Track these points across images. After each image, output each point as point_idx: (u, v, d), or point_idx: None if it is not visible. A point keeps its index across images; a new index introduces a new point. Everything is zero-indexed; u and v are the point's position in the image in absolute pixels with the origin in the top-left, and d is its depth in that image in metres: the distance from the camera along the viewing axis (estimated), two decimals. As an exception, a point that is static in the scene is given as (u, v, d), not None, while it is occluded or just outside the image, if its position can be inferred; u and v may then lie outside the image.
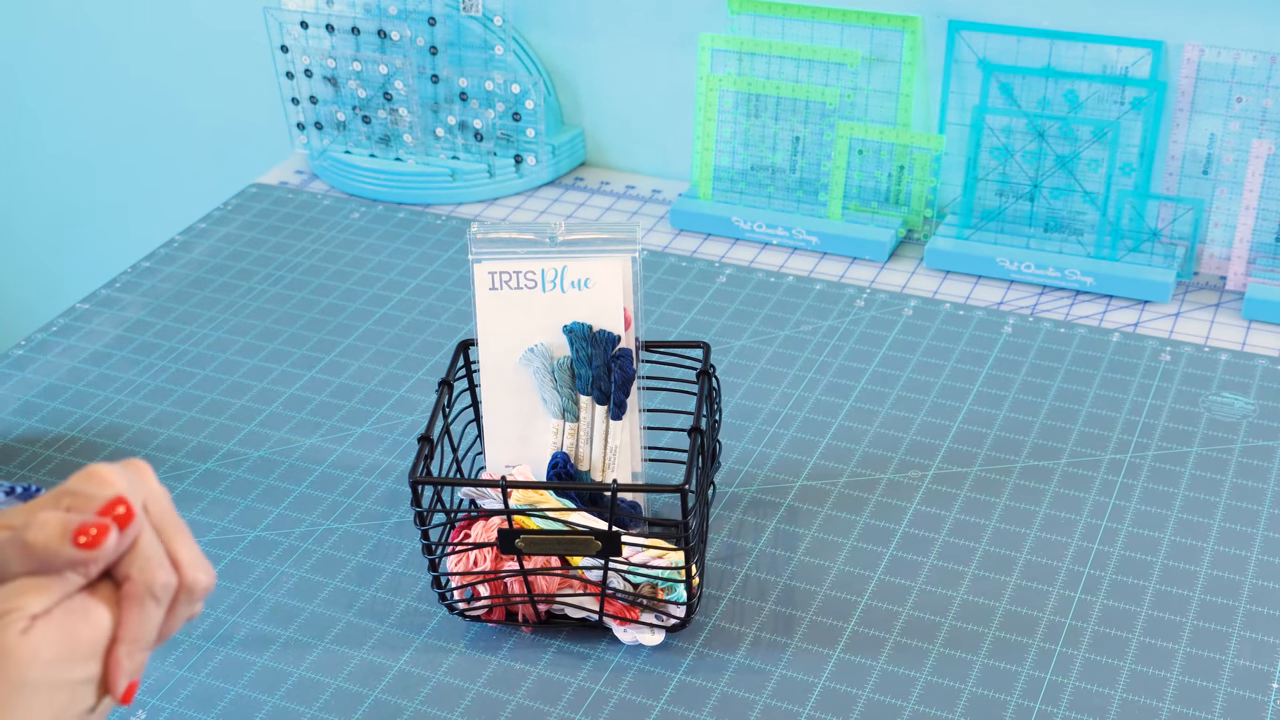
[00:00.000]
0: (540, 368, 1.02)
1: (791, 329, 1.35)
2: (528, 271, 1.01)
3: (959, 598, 1.04)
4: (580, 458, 1.03)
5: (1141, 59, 1.39)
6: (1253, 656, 0.98)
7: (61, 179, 2.10)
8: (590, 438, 1.03)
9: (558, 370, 1.02)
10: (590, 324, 1.01)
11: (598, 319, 1.01)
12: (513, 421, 1.04)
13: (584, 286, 1.00)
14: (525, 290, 1.01)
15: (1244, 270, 1.38)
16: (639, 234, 1.00)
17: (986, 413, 1.23)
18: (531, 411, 1.04)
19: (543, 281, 1.01)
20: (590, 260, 1.01)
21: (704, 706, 0.96)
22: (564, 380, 1.02)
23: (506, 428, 1.04)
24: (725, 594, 1.05)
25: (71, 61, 1.98)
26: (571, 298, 1.01)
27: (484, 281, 1.01)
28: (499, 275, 1.01)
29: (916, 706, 0.95)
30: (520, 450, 1.04)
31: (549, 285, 1.01)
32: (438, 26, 1.54)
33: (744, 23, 1.51)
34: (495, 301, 1.02)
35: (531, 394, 1.03)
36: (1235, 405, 1.23)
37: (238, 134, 1.89)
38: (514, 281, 1.01)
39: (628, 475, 1.04)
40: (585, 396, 1.02)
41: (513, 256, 1.01)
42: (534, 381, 1.02)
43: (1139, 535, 1.09)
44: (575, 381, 1.02)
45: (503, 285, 1.01)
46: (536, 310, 1.02)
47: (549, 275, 1.00)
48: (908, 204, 1.50)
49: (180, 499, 1.16)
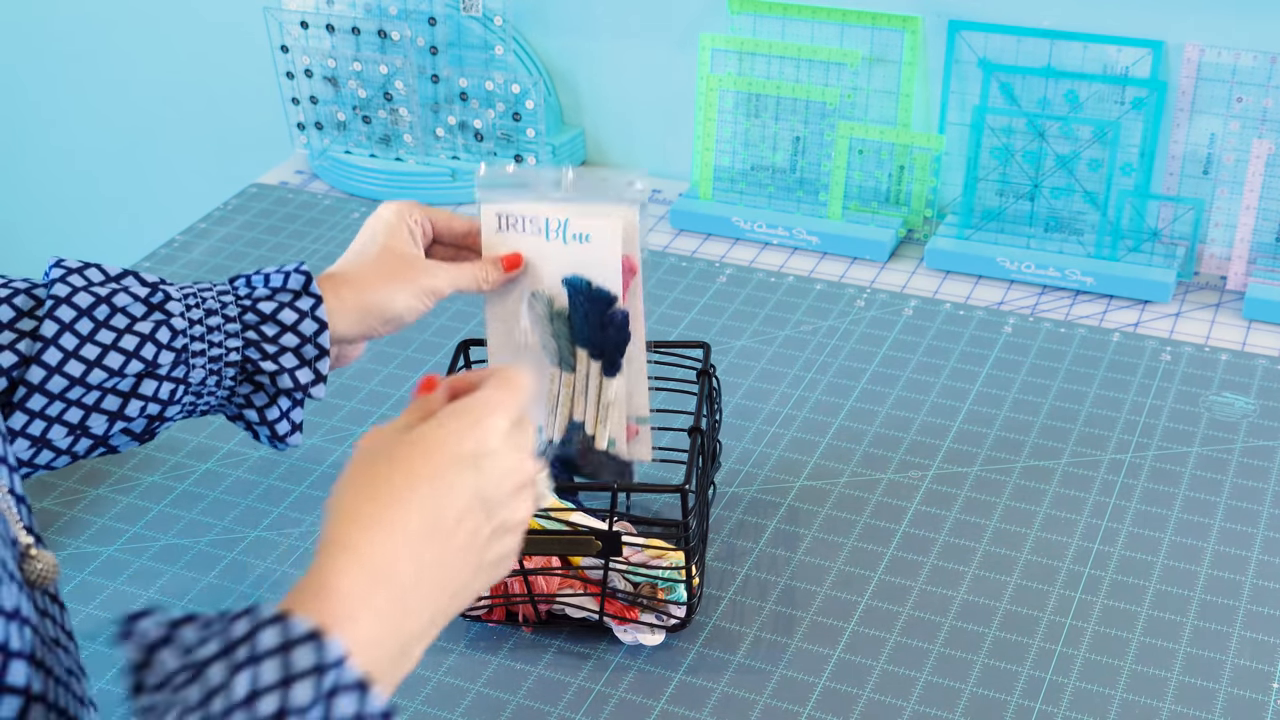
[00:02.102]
0: (541, 314, 1.00)
1: (792, 329, 1.35)
2: (533, 217, 0.98)
3: (959, 598, 1.04)
4: (575, 409, 1.01)
5: (1142, 59, 1.39)
6: (1253, 656, 0.98)
7: (62, 179, 2.10)
8: (585, 390, 1.01)
9: (556, 320, 1.00)
10: (590, 280, 0.98)
11: (599, 274, 0.98)
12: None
13: (584, 240, 0.98)
14: (531, 235, 0.99)
15: (1244, 270, 1.38)
16: (643, 182, 0.98)
17: (987, 413, 1.23)
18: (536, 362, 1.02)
19: (547, 230, 0.98)
20: (592, 217, 0.97)
21: (704, 706, 0.96)
22: (561, 331, 1.00)
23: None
24: (725, 594, 1.05)
25: (72, 61, 1.98)
26: (574, 250, 0.99)
27: (490, 224, 0.99)
28: (505, 218, 0.99)
29: (917, 706, 0.95)
30: None
31: (553, 234, 0.98)
32: (438, 26, 1.54)
33: (744, 23, 1.51)
34: (502, 244, 1.00)
35: (535, 340, 1.02)
36: (1235, 405, 1.23)
37: (238, 134, 1.89)
38: (520, 226, 0.99)
39: (623, 427, 1.00)
40: (582, 350, 1.00)
41: (519, 199, 0.99)
42: (536, 328, 1.01)
43: (1139, 535, 1.09)
44: (572, 333, 1.00)
45: (509, 228, 0.99)
46: (542, 255, 0.99)
47: (553, 225, 0.98)
48: (908, 204, 1.50)
49: (180, 499, 1.16)
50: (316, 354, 0.91)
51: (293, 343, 0.90)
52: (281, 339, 0.90)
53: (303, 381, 0.91)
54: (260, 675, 0.56)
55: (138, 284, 0.88)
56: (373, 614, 0.61)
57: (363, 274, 0.94)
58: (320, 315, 0.90)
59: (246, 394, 0.91)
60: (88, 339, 0.84)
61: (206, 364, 0.88)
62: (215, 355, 0.88)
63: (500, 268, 0.98)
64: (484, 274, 0.97)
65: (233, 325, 0.89)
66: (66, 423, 0.85)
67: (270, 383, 0.90)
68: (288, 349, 0.90)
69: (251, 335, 0.89)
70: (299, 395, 0.92)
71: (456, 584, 0.66)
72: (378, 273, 0.94)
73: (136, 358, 0.85)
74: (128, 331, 0.85)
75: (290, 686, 0.56)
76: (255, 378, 0.90)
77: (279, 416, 0.92)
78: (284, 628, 0.57)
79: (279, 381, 0.90)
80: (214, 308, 0.89)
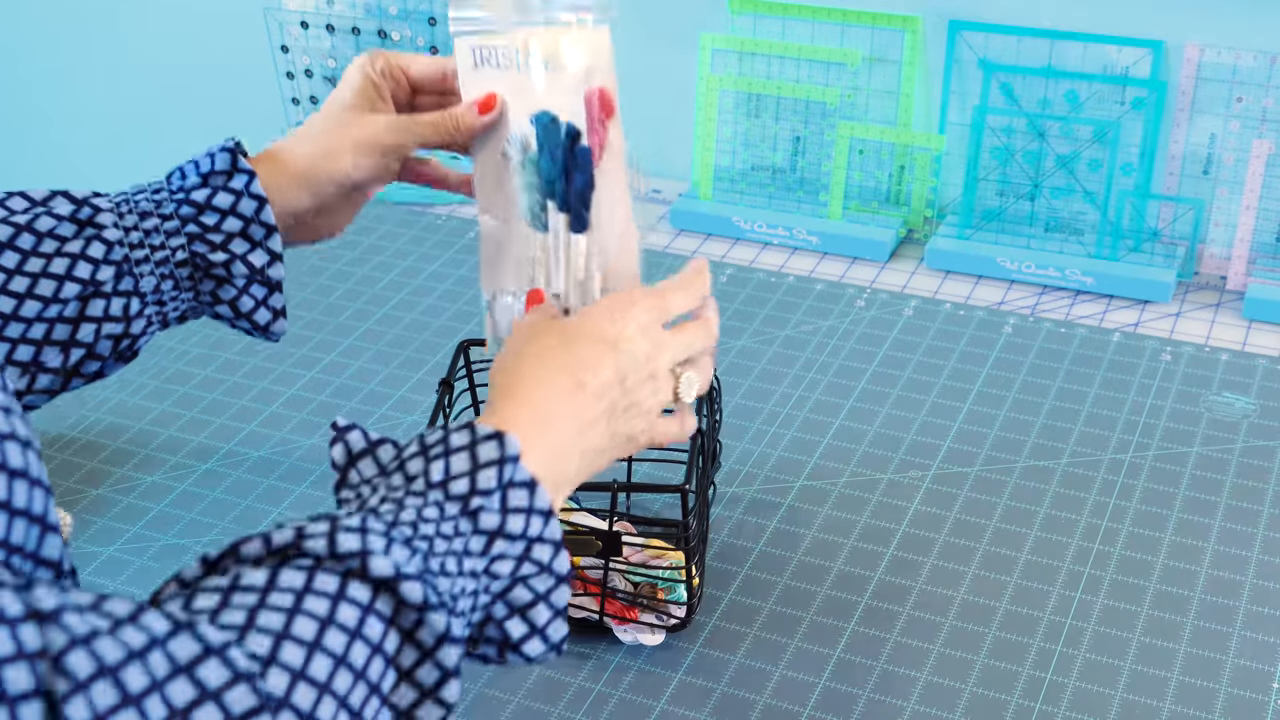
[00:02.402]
0: (516, 163, 0.87)
1: (792, 329, 1.35)
2: (504, 48, 0.87)
3: (959, 598, 1.04)
4: (552, 279, 0.87)
5: (1142, 59, 1.39)
6: (1253, 656, 0.98)
7: (62, 179, 2.10)
8: (558, 252, 0.86)
9: (527, 165, 0.86)
10: (555, 114, 0.85)
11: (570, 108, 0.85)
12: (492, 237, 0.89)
13: (552, 69, 0.86)
14: (506, 70, 0.87)
15: (1244, 270, 1.38)
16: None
17: (987, 413, 1.23)
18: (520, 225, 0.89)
19: (517, 61, 0.87)
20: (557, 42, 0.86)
21: (704, 706, 0.96)
22: (533, 181, 0.86)
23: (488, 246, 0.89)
24: (726, 594, 1.05)
25: (71, 60, 1.98)
26: (547, 81, 0.86)
27: (466, 60, 0.88)
28: (480, 51, 0.88)
29: (917, 706, 0.95)
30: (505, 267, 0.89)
31: (522, 65, 0.87)
32: (438, 26, 1.54)
33: (744, 23, 1.51)
34: (479, 83, 0.88)
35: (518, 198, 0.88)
36: (1236, 405, 1.23)
37: (238, 134, 1.88)
38: (495, 60, 0.87)
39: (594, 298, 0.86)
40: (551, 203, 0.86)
41: (492, 30, 0.87)
42: (512, 180, 0.87)
43: (1139, 535, 1.09)
44: (541, 182, 0.86)
45: (484, 63, 0.88)
46: (521, 92, 0.87)
47: (522, 56, 0.87)
48: (908, 204, 1.50)
49: (181, 499, 1.16)
50: (265, 233, 0.85)
51: (236, 227, 0.85)
52: (224, 225, 0.85)
53: (257, 265, 0.86)
54: (452, 463, 0.67)
55: (65, 203, 0.83)
56: (538, 451, 0.71)
57: (302, 137, 0.88)
58: (256, 190, 0.85)
59: (211, 290, 0.86)
60: (15, 271, 0.80)
61: (154, 270, 0.84)
62: (161, 259, 0.84)
63: (475, 112, 0.88)
64: (453, 122, 0.87)
65: (171, 224, 0.84)
66: (18, 362, 0.81)
67: (226, 272, 0.85)
68: (233, 234, 0.85)
69: (193, 229, 0.84)
70: (264, 280, 0.87)
71: (597, 445, 0.75)
72: (320, 132, 0.88)
73: (71, 279, 0.81)
74: (56, 255, 0.81)
75: (477, 474, 0.67)
76: (212, 271, 0.85)
77: (254, 306, 0.87)
78: (471, 430, 0.68)
79: (233, 270, 0.85)
80: (148, 209, 0.84)
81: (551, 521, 0.69)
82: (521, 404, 0.72)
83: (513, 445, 0.68)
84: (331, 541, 0.60)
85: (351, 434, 0.70)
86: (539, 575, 0.68)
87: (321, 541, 0.60)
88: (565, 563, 0.69)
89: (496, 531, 0.67)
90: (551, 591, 0.69)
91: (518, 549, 0.67)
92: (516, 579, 0.68)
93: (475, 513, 0.66)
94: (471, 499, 0.66)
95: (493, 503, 0.67)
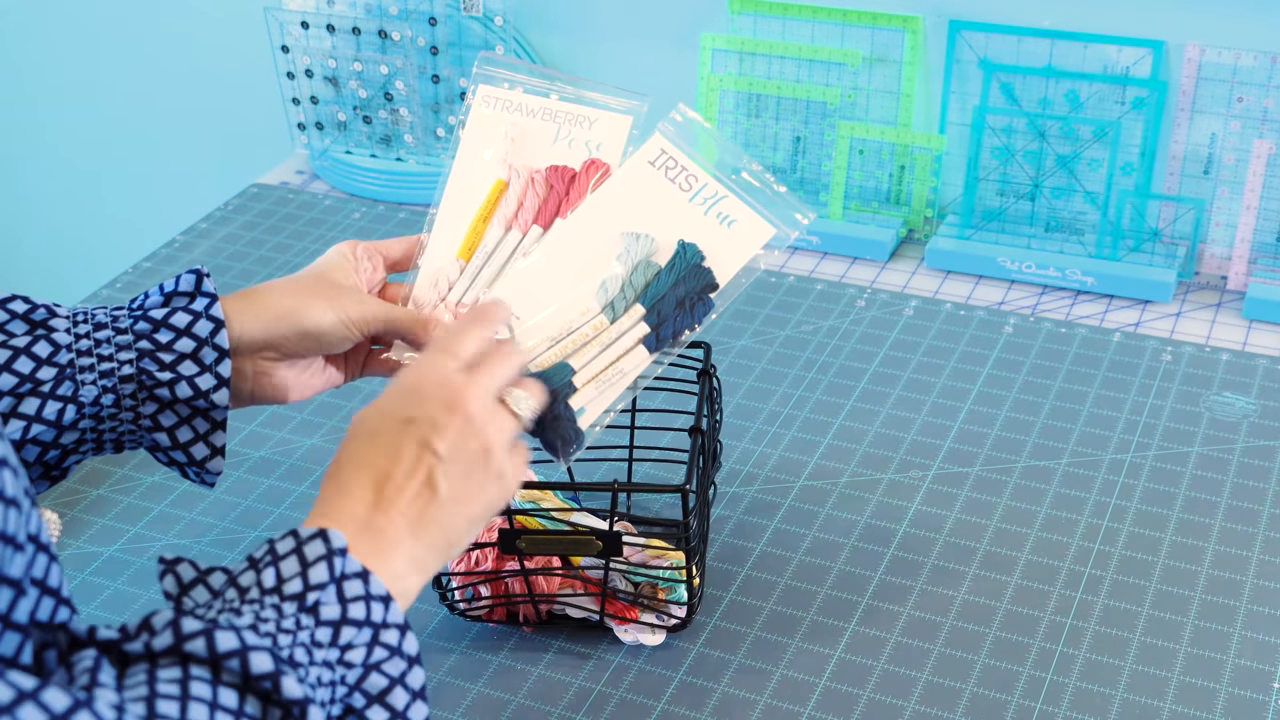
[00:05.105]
0: (631, 255, 0.94)
1: (792, 329, 1.35)
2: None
3: (960, 597, 1.04)
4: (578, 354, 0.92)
5: (1142, 59, 1.39)
6: (1254, 656, 0.98)
7: (63, 179, 2.10)
8: (606, 345, 0.92)
9: (642, 269, 0.93)
10: (704, 257, 0.94)
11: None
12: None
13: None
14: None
15: (1245, 270, 1.38)
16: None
17: (987, 413, 1.23)
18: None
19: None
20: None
21: (705, 706, 0.96)
22: (638, 281, 0.93)
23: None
24: (726, 594, 1.05)
25: (72, 61, 1.98)
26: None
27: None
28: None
29: (917, 706, 0.95)
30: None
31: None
32: (438, 27, 1.54)
33: (744, 23, 1.51)
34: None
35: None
36: (1236, 405, 1.23)
37: (239, 134, 1.90)
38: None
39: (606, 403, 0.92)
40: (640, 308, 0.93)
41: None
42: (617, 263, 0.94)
43: (1140, 535, 1.09)
44: (646, 290, 0.93)
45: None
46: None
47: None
48: (908, 204, 1.50)
49: (181, 499, 1.16)
50: (216, 357, 0.84)
51: (189, 347, 0.84)
52: (176, 344, 0.84)
53: (203, 388, 0.84)
54: (282, 568, 0.67)
55: (22, 303, 0.83)
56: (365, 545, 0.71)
57: (281, 285, 0.89)
58: (215, 313, 0.84)
59: (153, 414, 0.85)
60: None
61: (97, 380, 0.82)
62: (106, 370, 0.83)
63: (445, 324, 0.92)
64: (432, 325, 0.92)
65: (124, 337, 0.83)
66: None
67: (170, 394, 0.84)
68: (184, 355, 0.84)
69: (145, 345, 0.83)
70: (207, 408, 0.85)
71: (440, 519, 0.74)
72: (299, 287, 0.90)
73: (9, 371, 0.80)
74: (1, 347, 0.81)
75: (308, 571, 0.67)
76: (156, 392, 0.84)
77: (193, 438, 0.86)
78: (295, 534, 0.68)
79: (177, 391, 0.84)
80: (104, 321, 0.84)
81: (392, 606, 0.69)
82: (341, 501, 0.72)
83: (338, 539, 0.68)
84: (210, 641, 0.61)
85: (180, 565, 0.68)
86: (390, 659, 0.68)
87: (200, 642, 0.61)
88: (414, 644, 0.69)
89: (340, 620, 0.67)
90: (406, 674, 0.69)
91: (365, 635, 0.67)
92: (369, 666, 0.68)
93: (314, 607, 0.66)
94: (308, 595, 0.66)
95: (329, 595, 0.67)
